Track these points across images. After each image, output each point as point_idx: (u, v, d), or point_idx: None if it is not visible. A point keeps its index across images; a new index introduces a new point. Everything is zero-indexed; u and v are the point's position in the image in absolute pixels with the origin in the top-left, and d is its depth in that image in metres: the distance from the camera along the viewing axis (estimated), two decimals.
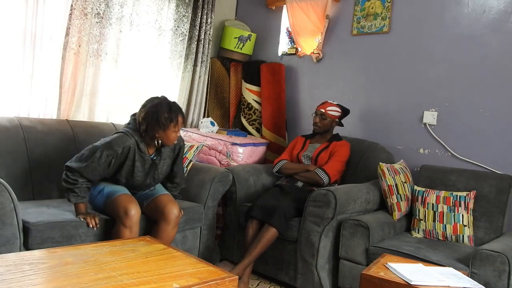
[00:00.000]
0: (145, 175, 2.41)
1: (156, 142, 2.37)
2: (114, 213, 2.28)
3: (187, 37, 3.68)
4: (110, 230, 2.32)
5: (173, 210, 2.38)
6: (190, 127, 3.80)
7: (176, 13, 3.61)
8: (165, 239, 2.35)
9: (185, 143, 2.73)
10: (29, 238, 2.05)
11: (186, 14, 3.65)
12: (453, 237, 2.60)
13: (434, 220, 2.65)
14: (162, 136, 2.33)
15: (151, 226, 2.43)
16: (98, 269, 1.47)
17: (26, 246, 2.05)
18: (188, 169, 2.97)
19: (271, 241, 2.65)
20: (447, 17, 3.05)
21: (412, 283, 1.72)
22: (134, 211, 2.25)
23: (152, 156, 2.43)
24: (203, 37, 3.78)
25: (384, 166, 2.76)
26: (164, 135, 2.33)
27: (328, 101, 3.15)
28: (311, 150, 3.10)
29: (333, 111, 3.10)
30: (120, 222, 2.24)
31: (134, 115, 2.44)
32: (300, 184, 2.98)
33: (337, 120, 3.13)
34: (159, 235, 2.35)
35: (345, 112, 3.18)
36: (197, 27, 3.73)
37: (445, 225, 2.61)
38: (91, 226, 2.21)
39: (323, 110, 3.10)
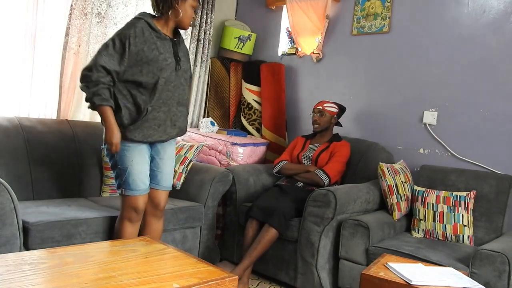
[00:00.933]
0: (173, 57, 2.23)
1: (172, 19, 2.21)
2: (123, 203, 2.25)
3: (190, 37, 3.69)
4: (110, 229, 2.32)
5: (161, 204, 2.37)
6: (190, 127, 3.80)
7: None
8: (154, 232, 2.36)
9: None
10: (29, 238, 2.05)
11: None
12: (453, 237, 2.60)
13: (434, 220, 2.65)
14: (181, 8, 2.20)
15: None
16: (98, 269, 1.47)
17: (26, 246, 2.06)
18: (188, 169, 2.97)
19: (271, 242, 2.65)
20: (447, 17, 3.05)
21: (412, 283, 1.72)
22: (142, 209, 2.26)
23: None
24: (203, 37, 3.78)
25: (384, 166, 2.76)
26: (183, 8, 2.20)
27: (324, 100, 3.18)
28: (311, 151, 3.10)
29: (331, 107, 3.12)
30: (125, 217, 2.24)
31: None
32: (300, 184, 2.97)
33: (335, 116, 3.14)
34: (147, 230, 2.36)
35: (341, 109, 3.19)
36: (197, 27, 3.74)
37: (445, 225, 2.61)
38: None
39: (320, 107, 3.11)
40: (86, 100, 2.13)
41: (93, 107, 2.12)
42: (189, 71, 2.38)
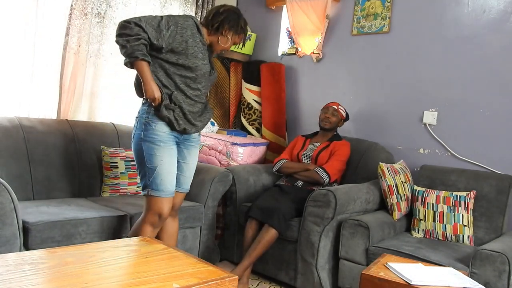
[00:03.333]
0: (208, 62, 2.30)
1: (210, 38, 2.30)
2: (148, 206, 2.19)
3: None
4: (110, 229, 2.32)
5: (177, 205, 2.38)
6: None
7: (182, 12, 3.61)
8: (170, 230, 2.37)
9: None
10: (29, 238, 2.05)
11: (190, 13, 3.65)
12: (453, 237, 2.60)
13: (434, 220, 2.65)
14: (227, 38, 2.30)
15: None
16: (98, 269, 1.47)
17: (26, 246, 2.06)
18: None
19: (270, 243, 2.65)
20: (447, 17, 3.05)
21: (412, 283, 1.72)
22: (167, 215, 2.21)
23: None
24: None
25: (384, 166, 2.76)
26: (228, 37, 2.30)
27: (337, 102, 3.20)
28: (311, 149, 3.10)
29: (342, 110, 3.16)
30: (148, 221, 2.18)
31: None
32: (300, 183, 2.97)
33: (342, 121, 3.16)
34: (163, 229, 2.36)
35: (347, 116, 3.21)
36: None
37: (445, 225, 2.61)
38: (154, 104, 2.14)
39: (335, 107, 3.12)
40: (126, 55, 2.06)
41: (131, 62, 2.08)
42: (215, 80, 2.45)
